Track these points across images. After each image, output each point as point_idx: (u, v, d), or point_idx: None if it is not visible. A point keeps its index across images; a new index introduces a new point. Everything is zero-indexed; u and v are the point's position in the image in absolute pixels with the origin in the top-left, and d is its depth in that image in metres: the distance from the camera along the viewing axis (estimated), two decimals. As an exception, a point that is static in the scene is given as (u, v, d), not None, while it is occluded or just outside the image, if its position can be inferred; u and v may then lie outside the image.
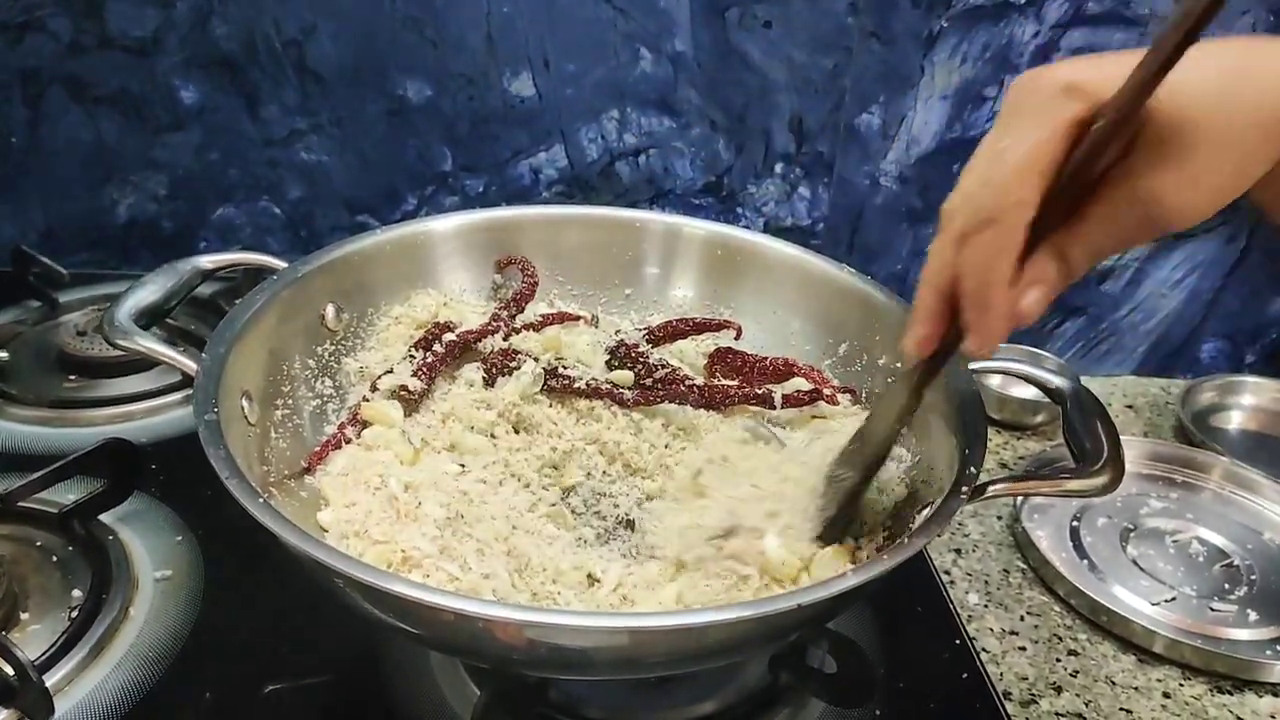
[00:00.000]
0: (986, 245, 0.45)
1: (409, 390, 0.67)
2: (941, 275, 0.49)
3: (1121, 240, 0.47)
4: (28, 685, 0.58)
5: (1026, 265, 0.46)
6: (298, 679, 0.66)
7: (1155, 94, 0.42)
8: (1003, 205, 0.44)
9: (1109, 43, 1.00)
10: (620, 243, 0.81)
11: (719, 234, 0.81)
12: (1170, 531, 0.88)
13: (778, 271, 0.79)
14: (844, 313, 0.76)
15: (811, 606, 0.47)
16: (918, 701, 0.68)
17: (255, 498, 0.49)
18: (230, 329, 0.61)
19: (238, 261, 0.71)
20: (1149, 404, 1.11)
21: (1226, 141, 0.44)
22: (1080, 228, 0.46)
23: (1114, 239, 0.46)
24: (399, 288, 0.75)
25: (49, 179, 1.08)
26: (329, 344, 0.70)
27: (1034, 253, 0.46)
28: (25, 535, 0.73)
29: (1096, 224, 0.46)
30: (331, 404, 0.69)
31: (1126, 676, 0.74)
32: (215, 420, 0.53)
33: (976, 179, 0.46)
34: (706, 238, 0.81)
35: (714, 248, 0.80)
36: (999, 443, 1.01)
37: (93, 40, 1.01)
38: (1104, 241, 0.46)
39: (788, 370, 0.73)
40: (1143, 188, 0.44)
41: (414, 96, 1.05)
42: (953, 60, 1.01)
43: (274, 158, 1.08)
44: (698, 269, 0.81)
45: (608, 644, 0.49)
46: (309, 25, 1.01)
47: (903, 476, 0.66)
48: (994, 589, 0.82)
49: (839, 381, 0.75)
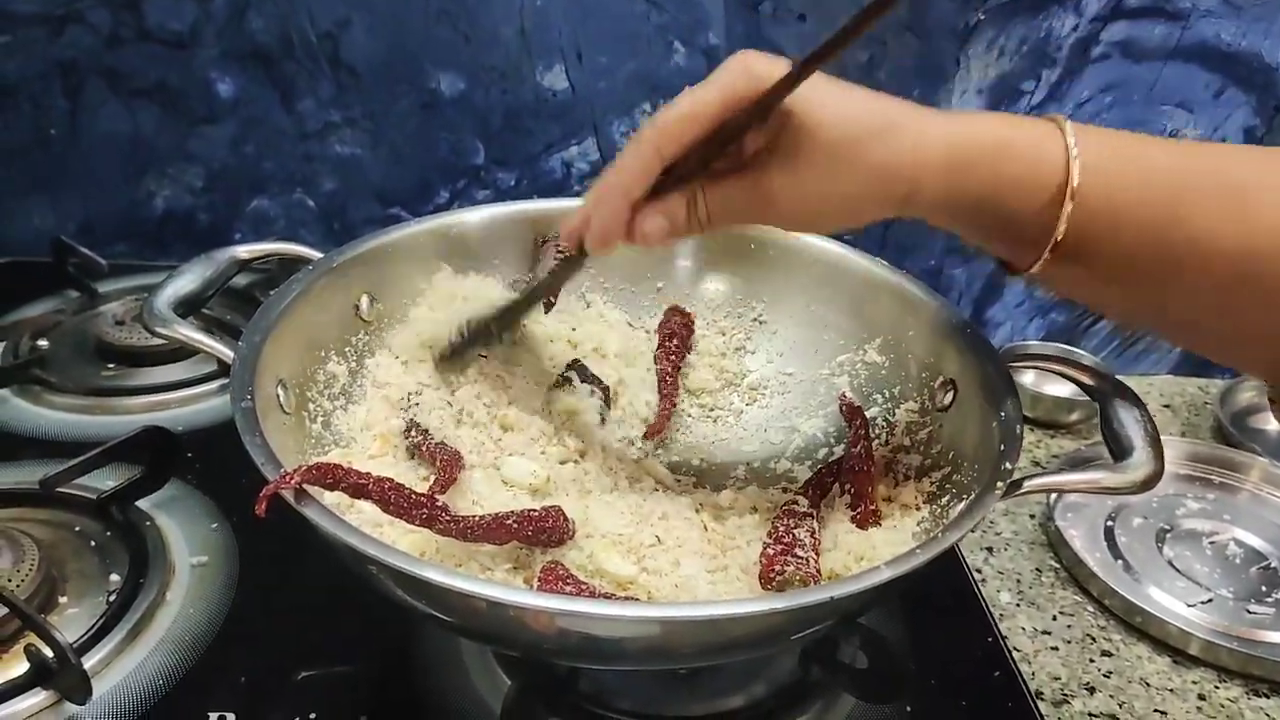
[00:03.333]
0: (623, 155, 0.52)
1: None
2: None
3: (740, 215, 0.53)
4: (67, 667, 0.59)
5: (662, 197, 0.52)
6: (329, 666, 0.66)
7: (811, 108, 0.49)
8: (647, 130, 0.51)
9: (1149, 36, 0.99)
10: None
11: (751, 227, 0.80)
12: (1207, 533, 0.87)
13: (810, 265, 0.78)
14: (877, 306, 0.75)
15: (844, 599, 0.47)
16: (949, 699, 0.68)
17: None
18: (266, 318, 0.62)
19: (274, 251, 0.71)
20: (1186, 404, 1.09)
21: (841, 174, 0.50)
22: (713, 187, 0.52)
23: (734, 212, 0.53)
24: (431, 279, 0.75)
25: (87, 171, 1.10)
26: (363, 333, 0.71)
27: (672, 191, 0.52)
28: (64, 520, 0.74)
29: (724, 191, 0.52)
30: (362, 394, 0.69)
31: (1161, 678, 0.73)
32: (251, 407, 0.54)
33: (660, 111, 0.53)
34: (739, 231, 0.80)
35: (746, 241, 0.80)
36: (1032, 441, 1.00)
37: (131, 33, 1.02)
38: (725, 210, 0.53)
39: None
40: (763, 178, 0.51)
41: (447, 90, 1.05)
42: (989, 54, 1.00)
43: (308, 151, 1.09)
44: (730, 262, 0.81)
45: (639, 634, 0.49)
46: (343, 19, 1.01)
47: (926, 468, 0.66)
48: (1026, 588, 0.81)
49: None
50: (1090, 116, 1.03)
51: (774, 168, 0.51)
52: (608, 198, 0.53)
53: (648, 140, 0.51)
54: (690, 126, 0.50)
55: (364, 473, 0.54)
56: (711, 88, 0.50)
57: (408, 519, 0.53)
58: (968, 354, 0.66)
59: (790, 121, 0.50)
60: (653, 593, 0.57)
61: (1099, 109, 1.03)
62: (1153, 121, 1.03)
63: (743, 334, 0.81)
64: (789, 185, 0.51)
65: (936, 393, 0.69)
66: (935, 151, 0.50)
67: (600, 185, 0.53)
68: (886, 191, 0.51)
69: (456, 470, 0.61)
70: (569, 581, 0.54)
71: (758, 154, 0.52)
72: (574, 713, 0.63)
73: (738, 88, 0.49)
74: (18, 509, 0.74)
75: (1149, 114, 1.03)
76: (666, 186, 0.53)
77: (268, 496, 0.48)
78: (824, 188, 0.51)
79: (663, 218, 0.52)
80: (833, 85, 0.50)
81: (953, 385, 0.67)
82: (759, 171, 0.51)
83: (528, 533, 0.55)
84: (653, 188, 0.52)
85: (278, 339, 0.61)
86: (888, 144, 0.50)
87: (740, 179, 0.52)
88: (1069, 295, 0.56)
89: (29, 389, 0.90)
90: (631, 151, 0.52)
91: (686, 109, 0.50)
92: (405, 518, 0.53)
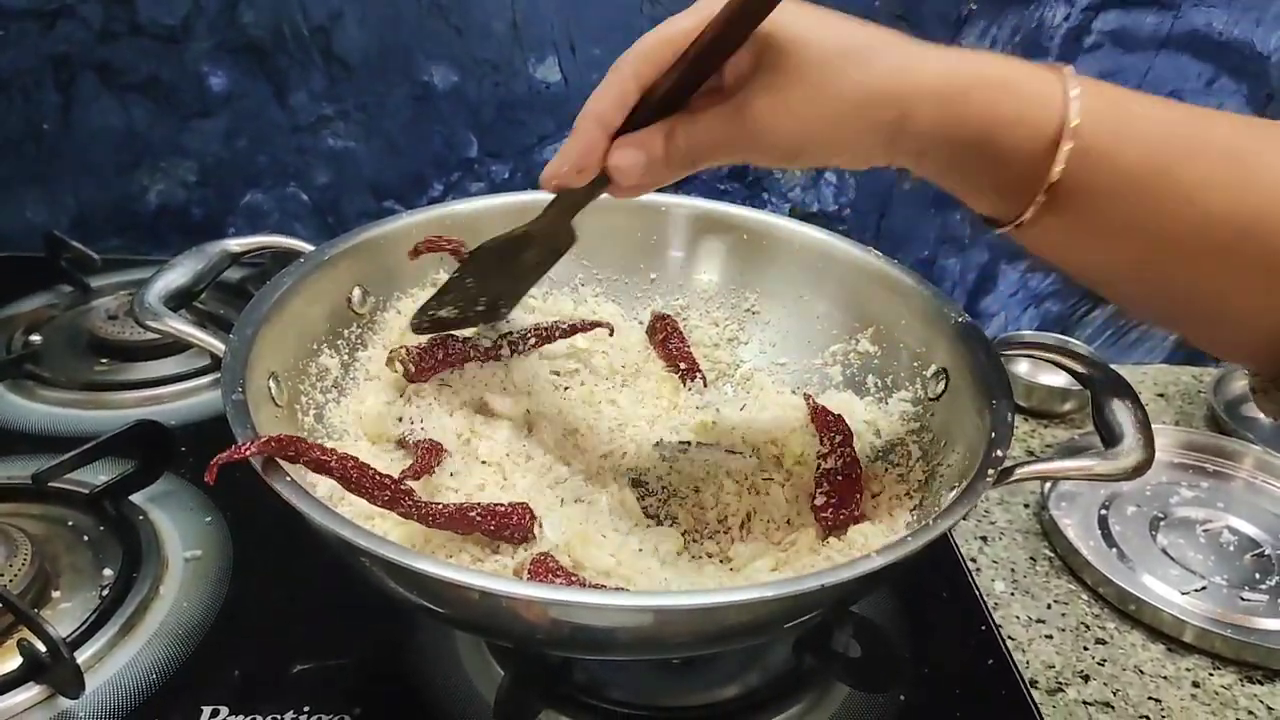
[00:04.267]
0: (601, 84, 0.51)
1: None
2: None
3: (721, 147, 0.51)
4: (59, 662, 0.59)
5: (640, 131, 0.51)
6: (323, 659, 0.66)
7: (792, 27, 0.47)
8: (624, 56, 0.50)
9: (1141, 25, 0.99)
10: (644, 227, 0.81)
11: (743, 217, 0.80)
12: (1201, 520, 0.87)
13: (802, 254, 0.78)
14: (869, 296, 0.75)
15: (835, 587, 0.47)
16: (943, 687, 0.68)
17: (283, 477, 0.49)
18: (258, 310, 0.62)
19: (266, 244, 0.71)
20: (1180, 392, 1.10)
21: (827, 93, 0.48)
22: (692, 119, 0.50)
23: (715, 144, 0.50)
24: (425, 270, 0.75)
25: (80, 165, 1.09)
26: (355, 326, 0.71)
27: (649, 126, 0.51)
28: (57, 515, 0.74)
29: (705, 120, 0.50)
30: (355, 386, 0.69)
31: (1155, 665, 0.74)
32: (243, 400, 0.54)
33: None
34: (731, 222, 0.80)
35: (739, 231, 0.80)
36: (1026, 430, 1.00)
37: (123, 27, 1.02)
38: (705, 140, 0.50)
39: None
40: (744, 105, 0.49)
41: (440, 83, 1.05)
42: (982, 43, 1.00)
43: (301, 144, 1.09)
44: (722, 253, 0.81)
45: (630, 624, 0.49)
46: (336, 11, 1.01)
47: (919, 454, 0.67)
48: (1020, 577, 0.81)
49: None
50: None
51: (755, 91, 0.49)
52: (583, 125, 0.51)
53: (625, 64, 0.50)
54: (666, 49, 0.49)
55: (326, 448, 0.53)
56: (689, 13, 0.49)
57: (370, 499, 0.53)
58: (959, 343, 0.66)
59: (770, 43, 0.48)
60: (636, 582, 0.57)
61: (1092, 98, 1.03)
62: (1146, 110, 1.03)
63: (735, 324, 0.81)
64: (769, 108, 0.48)
65: (929, 382, 0.69)
66: (928, 78, 0.48)
67: (579, 117, 0.52)
68: (874, 116, 0.48)
69: (434, 460, 0.61)
70: (559, 574, 0.54)
71: (738, 80, 0.50)
72: (568, 703, 0.63)
73: (716, 10, 0.48)
74: (11, 504, 0.74)
75: (1142, 103, 1.03)
76: (643, 119, 0.51)
77: (219, 464, 0.47)
78: (807, 109, 0.48)
79: (638, 150, 0.51)
80: (813, 8, 0.49)
81: (944, 374, 0.68)
82: (740, 99, 0.49)
83: (490, 526, 0.55)
84: (632, 123, 0.51)
85: (269, 332, 0.61)
86: (873, 63, 0.48)
87: (720, 108, 0.50)
88: (1049, 253, 0.52)
89: (22, 384, 0.90)
90: (609, 79, 0.51)
91: (664, 32, 0.49)
92: (367, 497, 0.53)
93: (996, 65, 0.48)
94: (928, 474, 0.65)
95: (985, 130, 0.47)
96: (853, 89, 0.47)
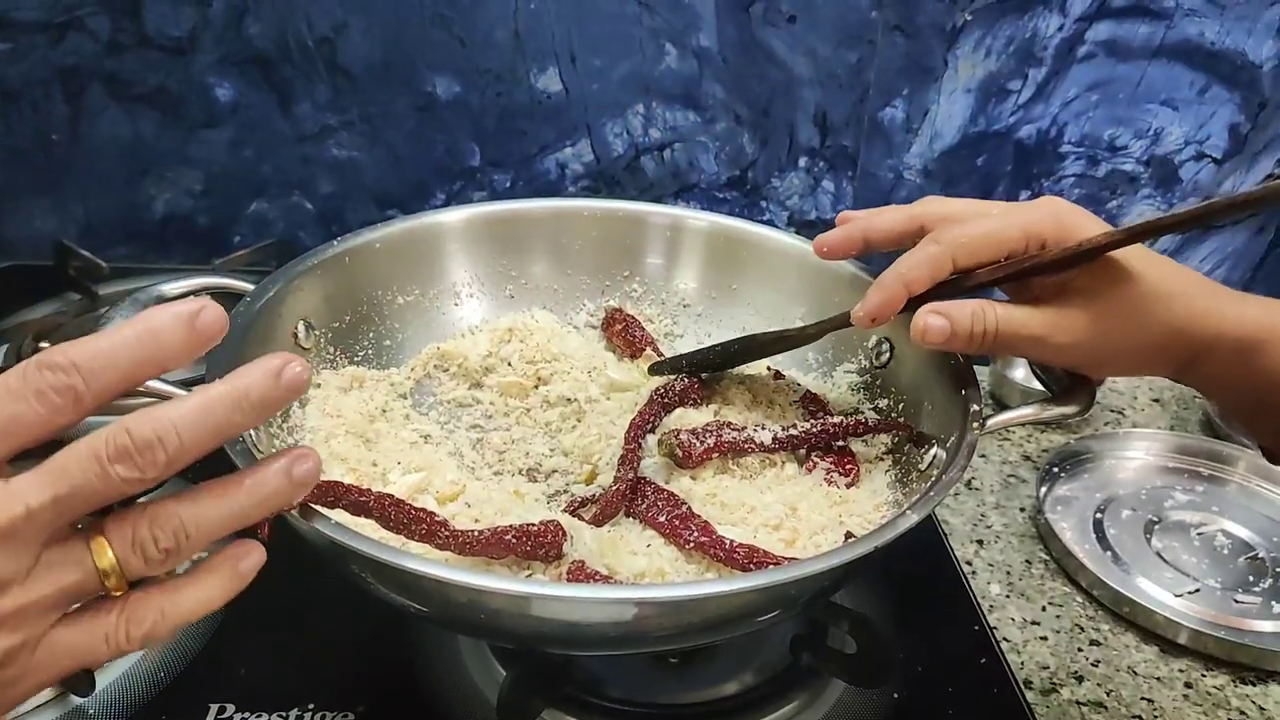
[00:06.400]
0: (918, 250, 0.56)
1: None
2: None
3: (1025, 342, 0.55)
4: (70, 659, 0.60)
5: (953, 303, 0.55)
6: (328, 657, 0.68)
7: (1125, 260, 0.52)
8: (948, 236, 0.55)
9: (1134, 35, 1.00)
10: (625, 236, 0.81)
11: (721, 225, 0.81)
12: (1195, 524, 0.88)
13: (780, 261, 0.78)
14: (846, 302, 0.75)
15: (826, 573, 0.47)
16: (937, 685, 0.69)
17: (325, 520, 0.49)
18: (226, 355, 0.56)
19: (201, 286, 0.66)
20: (1175, 398, 1.11)
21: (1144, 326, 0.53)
22: (1007, 309, 0.55)
23: (1019, 336, 0.54)
24: (407, 282, 0.75)
25: (88, 175, 1.11)
26: (311, 357, 0.67)
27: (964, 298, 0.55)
28: (66, 518, 0.75)
29: (1019, 315, 0.54)
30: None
31: (1149, 667, 0.74)
32: (245, 448, 0.53)
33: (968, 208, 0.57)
34: (709, 229, 0.81)
35: (716, 238, 0.81)
36: (1023, 435, 1.01)
37: (131, 39, 1.04)
38: (1011, 332, 0.54)
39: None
40: (1064, 313, 0.54)
41: (442, 93, 1.06)
42: (976, 54, 1.01)
43: (306, 154, 1.10)
44: (701, 260, 0.82)
45: (612, 617, 0.49)
46: (340, 23, 1.03)
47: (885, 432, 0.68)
48: (1016, 580, 0.82)
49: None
50: (1076, 115, 1.05)
51: (1077, 305, 0.53)
52: (889, 281, 0.56)
53: (946, 246, 0.55)
54: (988, 248, 0.54)
55: (365, 489, 0.54)
56: (1017, 221, 0.54)
57: (408, 534, 0.54)
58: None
59: (1100, 268, 0.53)
60: (670, 580, 0.57)
61: (1085, 108, 1.04)
62: (1138, 120, 1.05)
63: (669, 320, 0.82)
64: (1089, 325, 0.53)
65: (870, 352, 0.73)
66: (1228, 327, 0.52)
67: (888, 270, 0.56)
68: (1173, 353, 0.54)
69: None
70: (596, 578, 0.54)
71: (1051, 287, 0.55)
72: (569, 702, 0.64)
73: (1044, 230, 0.54)
74: (21, 507, 0.75)
75: (1134, 113, 1.05)
76: (945, 294, 0.56)
77: (269, 524, 0.48)
78: (1123, 334, 0.53)
79: (945, 320, 0.54)
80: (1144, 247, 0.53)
81: (887, 342, 0.71)
82: (1059, 305, 0.54)
83: (526, 547, 0.56)
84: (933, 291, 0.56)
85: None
86: (1185, 306, 0.53)
87: (1037, 310, 0.54)
88: None
89: (31, 390, 0.91)
90: (927, 250, 0.55)
91: (991, 231, 0.54)
92: (405, 533, 0.54)
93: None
94: (894, 438, 0.67)
95: (1271, 384, 0.52)
96: (1160, 328, 0.53)
